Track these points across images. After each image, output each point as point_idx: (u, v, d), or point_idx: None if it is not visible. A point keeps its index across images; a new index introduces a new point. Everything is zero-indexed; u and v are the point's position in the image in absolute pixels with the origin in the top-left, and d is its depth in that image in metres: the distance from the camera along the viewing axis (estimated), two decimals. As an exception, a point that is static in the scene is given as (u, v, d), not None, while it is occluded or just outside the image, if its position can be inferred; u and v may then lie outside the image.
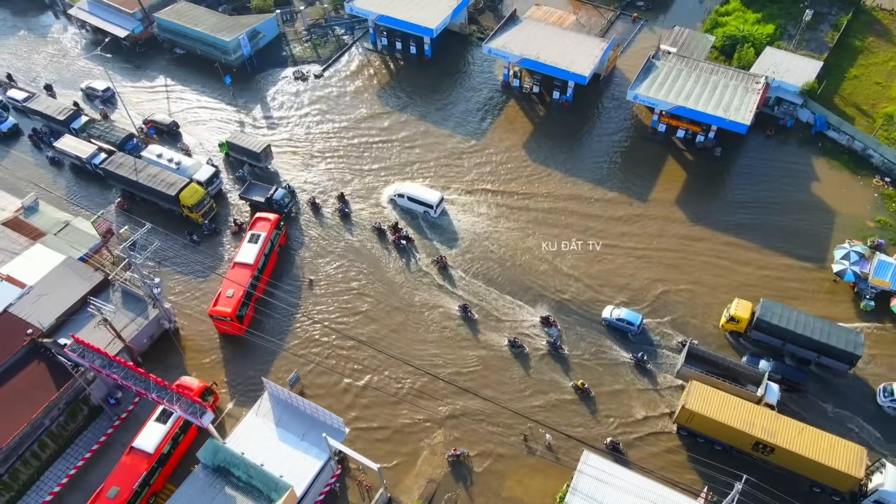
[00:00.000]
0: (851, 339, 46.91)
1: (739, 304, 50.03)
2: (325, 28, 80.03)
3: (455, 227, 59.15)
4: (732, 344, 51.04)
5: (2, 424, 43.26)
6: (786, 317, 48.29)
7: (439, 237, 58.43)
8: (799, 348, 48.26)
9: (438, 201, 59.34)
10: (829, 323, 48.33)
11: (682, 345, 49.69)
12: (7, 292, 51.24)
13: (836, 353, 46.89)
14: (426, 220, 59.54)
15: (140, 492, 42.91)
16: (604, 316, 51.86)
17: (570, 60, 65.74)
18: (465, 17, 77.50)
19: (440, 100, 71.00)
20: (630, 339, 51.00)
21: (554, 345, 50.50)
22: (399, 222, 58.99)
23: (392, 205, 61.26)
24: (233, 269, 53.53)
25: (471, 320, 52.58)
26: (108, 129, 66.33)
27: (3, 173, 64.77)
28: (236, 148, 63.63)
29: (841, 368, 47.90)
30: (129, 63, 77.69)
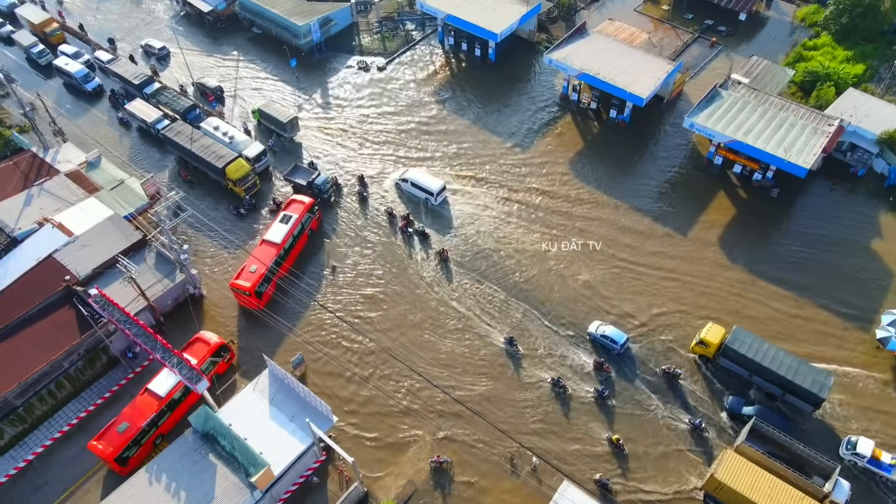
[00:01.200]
0: (818, 381, 44.54)
1: (711, 329, 48.28)
2: (397, 22, 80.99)
3: (478, 236, 58.66)
4: (699, 367, 49.39)
5: (24, 360, 46.52)
6: (755, 347, 46.41)
7: (468, 262, 58.16)
8: (765, 382, 46.44)
9: (440, 189, 59.99)
10: (798, 360, 46.19)
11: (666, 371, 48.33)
12: (55, 238, 54.95)
13: (800, 393, 44.80)
14: (438, 213, 59.47)
15: (148, 430, 45.29)
16: (589, 331, 50.71)
17: (630, 80, 63.69)
18: (535, 24, 76.48)
19: (496, 104, 70.48)
20: (687, 402, 47.90)
21: (602, 394, 47.32)
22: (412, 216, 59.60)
23: (397, 189, 62.12)
24: (260, 245, 55.22)
25: (514, 356, 50.08)
26: (175, 98, 69.80)
27: (78, 129, 69.40)
28: (266, 116, 66.78)
29: (805, 409, 45.76)
30: (209, 37, 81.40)
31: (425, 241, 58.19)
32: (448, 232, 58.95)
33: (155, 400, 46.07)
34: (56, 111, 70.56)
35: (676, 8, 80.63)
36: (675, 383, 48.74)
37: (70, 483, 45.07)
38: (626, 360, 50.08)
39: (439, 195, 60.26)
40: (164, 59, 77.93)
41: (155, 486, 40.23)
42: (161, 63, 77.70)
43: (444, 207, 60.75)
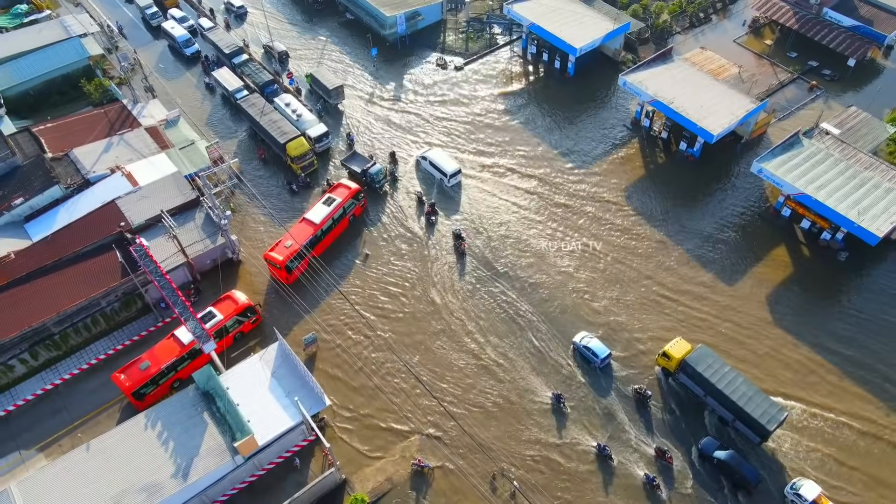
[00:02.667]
0: (769, 413, 43.83)
1: (678, 343, 48.00)
2: (484, 24, 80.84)
3: (517, 247, 57.72)
4: (660, 380, 48.58)
5: (67, 292, 50.47)
6: (714, 368, 45.92)
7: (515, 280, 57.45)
8: (718, 405, 45.89)
9: (454, 172, 61.49)
10: (755, 389, 45.31)
11: (638, 392, 47.53)
12: (122, 186, 59.13)
13: (749, 422, 44.13)
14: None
15: (167, 373, 48.04)
16: (573, 340, 50.35)
17: (704, 114, 60.47)
18: (621, 43, 74.06)
19: (565, 118, 69.01)
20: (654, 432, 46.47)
21: (651, 481, 43.68)
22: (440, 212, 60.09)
23: (416, 166, 63.94)
24: (299, 223, 56.99)
25: (560, 412, 47.32)
26: (258, 70, 73.10)
27: (168, 88, 74.25)
28: (317, 82, 70.44)
29: (752, 439, 44.93)
30: (304, 15, 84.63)
31: (460, 245, 58.02)
32: (493, 246, 58.45)
33: (178, 346, 48.83)
34: (151, 69, 75.81)
35: (780, 44, 75.69)
36: (647, 405, 47.47)
37: (87, 412, 48.52)
38: (604, 375, 49.26)
39: (452, 177, 61.74)
40: (241, 17, 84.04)
41: (148, 432, 42.59)
42: (238, 20, 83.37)
43: (469, 203, 60.29)
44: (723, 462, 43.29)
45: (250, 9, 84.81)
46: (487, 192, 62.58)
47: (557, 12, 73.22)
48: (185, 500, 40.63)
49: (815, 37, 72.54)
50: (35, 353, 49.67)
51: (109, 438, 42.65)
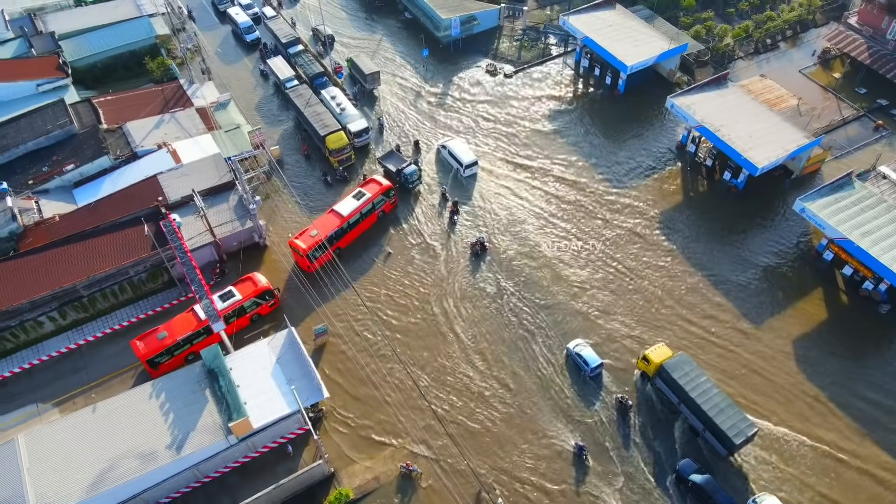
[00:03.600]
0: (738, 426, 43.14)
1: (659, 349, 48.07)
2: (540, 34, 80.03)
3: (538, 263, 56.88)
4: (638, 386, 48.58)
5: (100, 258, 52.86)
6: (690, 376, 45.52)
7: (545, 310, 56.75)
8: (690, 413, 45.48)
9: (470, 163, 62.97)
10: (729, 402, 44.60)
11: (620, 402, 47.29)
12: (165, 162, 61.51)
13: (718, 433, 43.53)
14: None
15: (182, 345, 49.67)
16: (567, 346, 50.23)
17: (752, 144, 58.04)
18: (677, 64, 71.90)
19: (608, 135, 67.61)
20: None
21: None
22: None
23: (436, 155, 65.71)
24: (327, 213, 57.89)
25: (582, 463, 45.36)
26: (310, 62, 74.64)
27: (224, 72, 76.78)
28: (355, 66, 72.81)
29: (719, 452, 44.45)
30: (364, 13, 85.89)
31: (483, 254, 57.68)
32: (512, 258, 57.89)
33: (195, 320, 50.35)
34: (211, 52, 78.57)
35: (850, 79, 71.83)
36: (627, 414, 47.19)
37: (104, 374, 50.70)
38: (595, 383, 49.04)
39: (468, 168, 63.21)
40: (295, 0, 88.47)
41: (152, 402, 44.14)
42: (291, 2, 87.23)
43: (498, 205, 59.75)
44: (698, 486, 42.08)
45: (329, 22, 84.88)
46: (513, 193, 62.46)
47: (614, 28, 71.77)
48: (177, 472, 41.84)
49: (887, 74, 68.51)
50: (64, 312, 52.25)
51: (116, 403, 44.41)
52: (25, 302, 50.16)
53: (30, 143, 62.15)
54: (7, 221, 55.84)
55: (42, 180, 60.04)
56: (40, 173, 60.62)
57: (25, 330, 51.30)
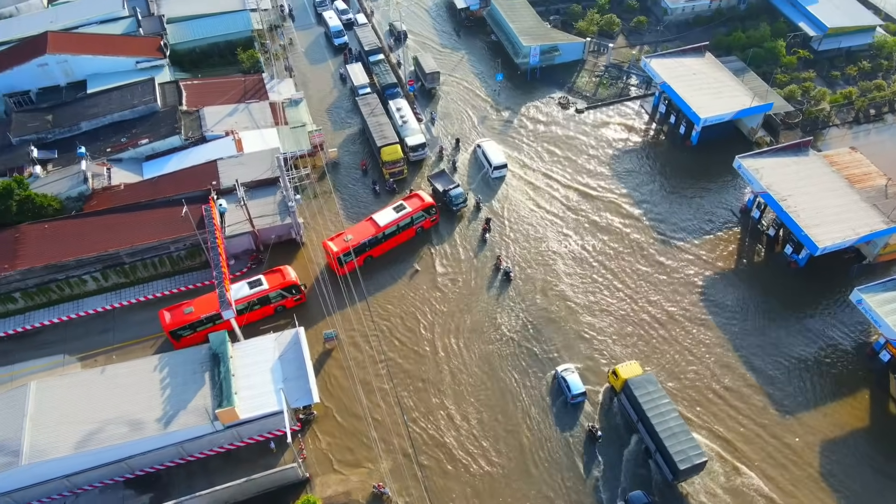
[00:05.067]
0: (686, 453, 42.32)
1: (631, 366, 47.86)
2: (623, 73, 77.67)
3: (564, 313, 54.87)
4: (604, 402, 48.59)
5: (145, 230, 56.10)
6: (651, 396, 45.17)
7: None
8: (646, 433, 44.96)
9: (498, 164, 65.10)
10: (684, 428, 43.79)
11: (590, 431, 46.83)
12: (228, 148, 64.56)
13: (666, 456, 42.83)
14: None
15: (205, 322, 51.80)
16: (557, 369, 49.95)
17: (818, 221, 53.46)
18: (759, 123, 67.46)
19: (670, 184, 64.61)
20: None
21: None
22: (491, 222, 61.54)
23: (473, 153, 68.07)
24: (365, 221, 58.69)
25: None
26: (386, 72, 76.16)
27: (306, 71, 79.92)
28: (419, 64, 76.21)
29: (666, 476, 43.56)
30: (453, 28, 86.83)
31: (507, 282, 56.58)
32: (530, 296, 56.33)
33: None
34: (300, 51, 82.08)
35: (958, 165, 64.63)
36: (594, 443, 46.41)
37: (129, 339, 53.69)
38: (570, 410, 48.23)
39: (496, 169, 65.26)
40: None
41: (155, 374, 46.16)
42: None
43: (532, 233, 58.09)
44: None
45: (418, 32, 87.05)
46: (558, 226, 61.41)
47: (697, 76, 68.52)
48: (160, 446, 43.48)
49: None
50: (106, 274, 55.90)
51: (123, 368, 46.89)
52: (73, 259, 54.05)
53: (115, 114, 67.16)
54: (78, 183, 60.50)
55: (118, 150, 64.66)
56: (118, 143, 65.32)
57: (70, 285, 55.28)
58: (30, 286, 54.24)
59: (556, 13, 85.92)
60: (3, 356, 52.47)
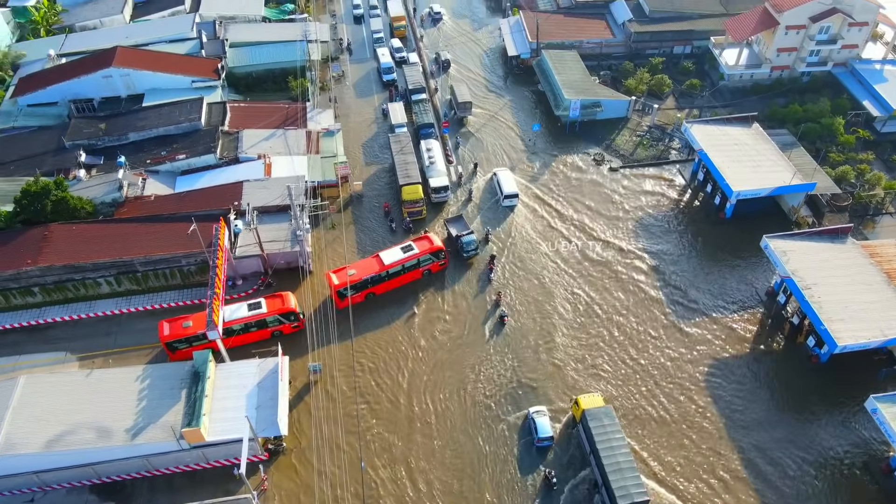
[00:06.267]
0: (628, 489, 41.94)
1: (593, 397, 48.13)
2: (665, 135, 75.37)
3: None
4: (560, 429, 48.43)
5: (162, 242, 58.12)
6: (605, 429, 45.02)
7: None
8: (596, 466, 44.58)
9: (509, 194, 66.81)
10: (631, 465, 43.35)
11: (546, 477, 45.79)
12: (257, 171, 66.54)
13: (608, 491, 42.44)
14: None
15: (201, 338, 52.38)
16: (528, 410, 49.60)
17: (843, 316, 49.38)
18: (801, 202, 63.54)
19: (696, 258, 61.69)
20: None
21: None
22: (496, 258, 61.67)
23: (489, 181, 69.98)
24: (371, 257, 58.81)
25: None
26: (424, 112, 76.90)
27: (350, 103, 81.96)
28: (453, 93, 79.39)
29: None
30: (504, 73, 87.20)
31: (501, 326, 55.40)
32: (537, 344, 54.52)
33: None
34: (348, 82, 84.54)
35: None
36: (551, 489, 45.33)
37: (128, 345, 55.40)
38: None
39: (507, 198, 66.87)
40: (436, 21, 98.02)
41: (135, 384, 47.21)
42: (433, 23, 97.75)
43: (546, 282, 56.22)
44: None
45: (467, 69, 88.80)
46: (570, 272, 60.53)
47: (739, 147, 65.54)
48: (126, 457, 44.23)
49: None
50: (120, 280, 58.18)
51: (108, 375, 48.36)
52: (90, 262, 56.61)
53: (161, 128, 70.68)
54: (113, 190, 63.72)
55: (157, 162, 67.82)
56: (158, 156, 68.54)
57: (85, 286, 57.85)
58: (48, 282, 57.09)
59: (607, 69, 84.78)
60: (14, 346, 55.22)
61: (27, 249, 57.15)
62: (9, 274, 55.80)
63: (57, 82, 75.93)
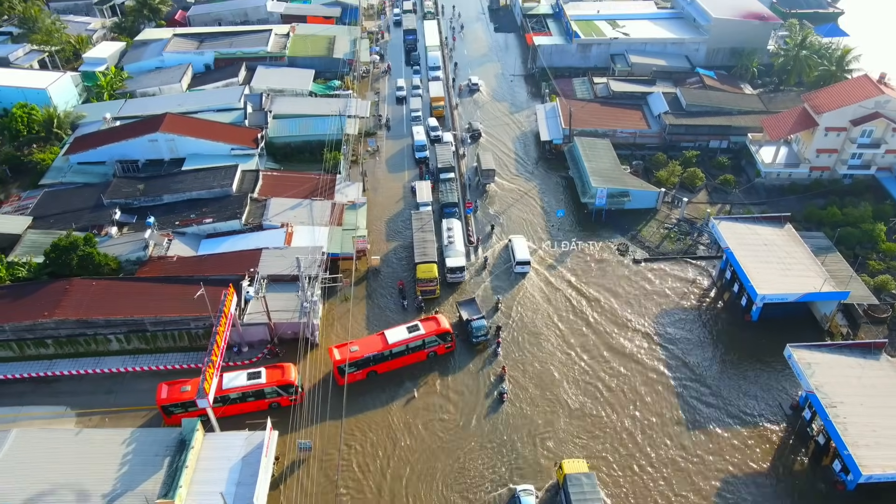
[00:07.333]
0: None
1: (577, 462, 47.73)
2: (694, 229, 73.37)
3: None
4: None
5: (173, 304, 58.94)
6: (584, 496, 44.62)
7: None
8: None
9: (522, 260, 67.69)
10: None
11: None
12: (278, 239, 67.57)
13: None
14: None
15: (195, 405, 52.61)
16: (516, 486, 48.02)
17: (869, 441, 45.22)
18: (834, 310, 59.89)
19: (717, 360, 58.50)
20: None
21: None
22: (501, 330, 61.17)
23: (504, 247, 71.30)
24: (376, 335, 57.99)
25: None
26: (450, 191, 77.46)
27: (380, 178, 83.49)
28: (478, 160, 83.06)
29: None
30: (538, 156, 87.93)
31: (500, 404, 53.50)
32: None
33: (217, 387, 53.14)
34: (381, 157, 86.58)
35: None
36: None
37: (127, 405, 55.44)
38: None
39: (519, 265, 67.74)
40: (472, 91, 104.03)
41: (121, 447, 46.57)
42: (470, 92, 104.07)
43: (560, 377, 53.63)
44: None
45: (500, 149, 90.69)
46: (581, 364, 57.55)
47: (768, 248, 63.00)
48: (99, 523, 43.31)
49: None
50: (129, 338, 58.96)
51: (97, 435, 48.16)
52: (102, 318, 57.74)
53: (194, 192, 73.25)
54: (139, 248, 65.70)
55: (185, 224, 69.90)
56: (187, 218, 70.71)
57: (96, 342, 58.83)
58: (62, 335, 58.32)
59: (640, 159, 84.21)
60: (19, 397, 56.01)
61: (47, 301, 58.78)
62: (25, 325, 57.32)
63: (107, 143, 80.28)
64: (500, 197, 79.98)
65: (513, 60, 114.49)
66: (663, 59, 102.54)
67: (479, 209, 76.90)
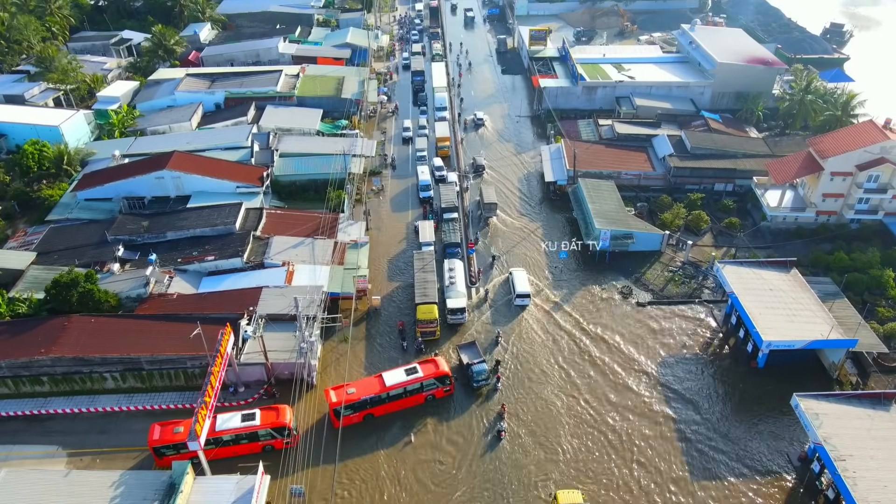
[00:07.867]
0: None
1: (572, 494, 47.39)
2: (699, 272, 72.50)
3: None
4: None
5: (170, 342, 58.43)
6: None
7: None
8: None
9: (521, 293, 67.89)
10: None
11: None
12: (278, 278, 67.30)
13: None
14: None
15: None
16: None
17: (880, 497, 43.39)
18: (843, 358, 58.50)
19: (721, 408, 57.00)
20: None
21: None
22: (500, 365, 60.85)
23: (505, 279, 71.76)
24: (373, 377, 57.12)
25: None
26: (453, 231, 77.23)
27: (384, 218, 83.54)
28: (481, 193, 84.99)
29: None
30: (542, 197, 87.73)
31: (498, 441, 51.54)
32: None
33: (210, 429, 52.21)
34: (385, 197, 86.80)
35: None
36: None
37: (119, 445, 54.52)
38: None
39: (519, 297, 67.89)
40: (478, 126, 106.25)
41: (108, 490, 45.66)
42: (475, 126, 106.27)
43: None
44: None
45: (505, 187, 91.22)
46: (588, 409, 55.40)
47: (774, 293, 61.97)
48: (81, 570, 42.16)
49: None
50: (125, 376, 58.42)
51: (85, 477, 47.28)
52: (98, 356, 57.33)
53: (198, 229, 73.53)
54: (139, 286, 65.63)
55: (187, 262, 69.95)
56: (189, 255, 70.82)
57: (92, 380, 58.28)
58: (57, 373, 57.87)
59: (645, 201, 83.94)
60: (11, 435, 55.28)
61: (44, 338, 58.51)
62: (21, 361, 56.99)
63: (114, 180, 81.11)
64: (504, 234, 79.79)
65: (519, 102, 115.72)
66: (668, 102, 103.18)
67: (480, 241, 77.50)
